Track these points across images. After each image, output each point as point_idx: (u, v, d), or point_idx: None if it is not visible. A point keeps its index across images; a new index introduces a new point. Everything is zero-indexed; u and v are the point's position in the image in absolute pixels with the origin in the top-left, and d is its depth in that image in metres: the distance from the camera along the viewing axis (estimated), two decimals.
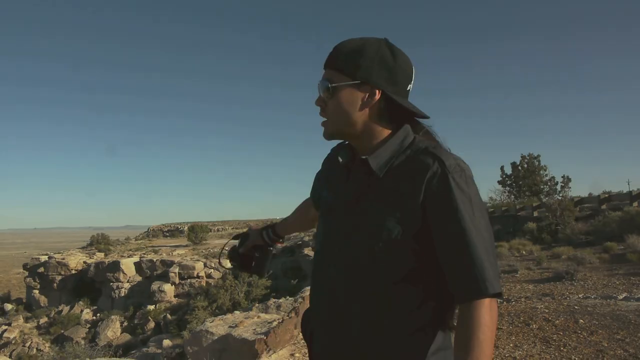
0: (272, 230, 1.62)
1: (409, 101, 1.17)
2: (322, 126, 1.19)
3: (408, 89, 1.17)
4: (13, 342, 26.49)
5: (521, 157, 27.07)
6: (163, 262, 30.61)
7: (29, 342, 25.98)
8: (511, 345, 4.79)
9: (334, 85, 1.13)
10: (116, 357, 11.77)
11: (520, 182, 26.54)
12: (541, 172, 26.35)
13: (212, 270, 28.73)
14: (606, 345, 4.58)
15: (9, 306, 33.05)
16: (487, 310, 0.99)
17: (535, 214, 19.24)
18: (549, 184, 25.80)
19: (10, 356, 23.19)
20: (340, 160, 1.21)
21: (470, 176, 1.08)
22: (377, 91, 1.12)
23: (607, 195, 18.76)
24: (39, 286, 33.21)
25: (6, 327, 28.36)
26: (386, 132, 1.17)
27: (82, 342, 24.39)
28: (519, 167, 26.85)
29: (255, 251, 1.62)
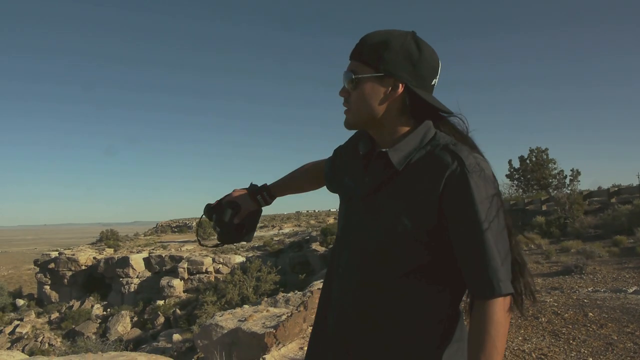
0: (268, 193, 1.53)
1: (432, 96, 1.17)
2: (344, 114, 1.20)
3: (433, 83, 1.16)
4: (25, 337, 26.86)
5: (529, 150, 26.89)
6: (172, 257, 30.83)
7: (41, 337, 26.33)
8: (520, 338, 4.80)
9: (357, 76, 1.13)
10: (127, 351, 11.89)
11: (529, 176, 26.35)
12: (549, 165, 26.16)
13: (220, 265, 28.89)
14: (616, 338, 4.58)
15: (20, 302, 33.46)
16: (500, 308, 1.01)
17: (544, 207, 19.17)
18: (557, 177, 25.60)
19: (23, 351, 23.49)
20: (361, 151, 1.23)
21: (489, 176, 1.08)
22: (400, 84, 1.12)
23: (616, 189, 18.63)
24: (49, 282, 33.58)
25: (18, 322, 28.75)
26: (408, 126, 1.17)
27: (93, 337, 24.69)
28: (527, 161, 26.65)
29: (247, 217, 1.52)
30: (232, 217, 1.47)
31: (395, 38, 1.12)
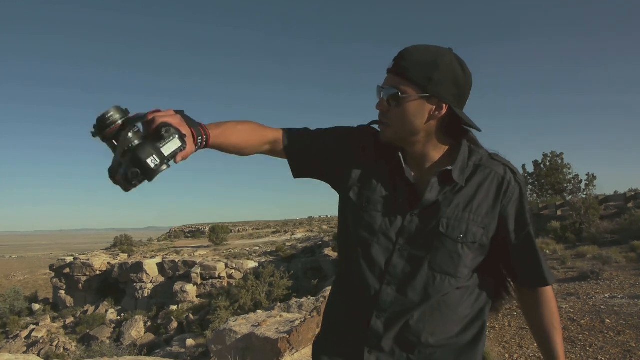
0: (208, 139, 1.11)
1: (467, 115, 1.21)
2: (380, 129, 1.23)
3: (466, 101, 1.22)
4: (41, 341, 27.15)
5: (543, 155, 26.62)
6: (185, 262, 30.96)
7: (56, 342, 26.57)
8: (535, 345, 4.73)
9: (404, 95, 1.14)
10: (142, 355, 11.96)
11: (543, 181, 26.09)
12: (565, 170, 25.85)
13: (233, 270, 28.96)
14: (634, 345, 4.50)
15: (36, 306, 33.87)
16: (552, 292, 1.28)
17: (559, 212, 18.88)
18: (572, 182, 25.29)
19: (38, 355, 23.75)
20: (405, 167, 1.20)
21: None
22: (444, 105, 1.15)
23: (633, 193, 18.31)
24: (64, 287, 33.94)
25: (34, 326, 29.08)
26: (445, 143, 1.23)
27: (108, 341, 24.87)
28: (542, 165, 26.38)
29: None
30: (176, 154, 0.96)
31: (441, 58, 1.14)
